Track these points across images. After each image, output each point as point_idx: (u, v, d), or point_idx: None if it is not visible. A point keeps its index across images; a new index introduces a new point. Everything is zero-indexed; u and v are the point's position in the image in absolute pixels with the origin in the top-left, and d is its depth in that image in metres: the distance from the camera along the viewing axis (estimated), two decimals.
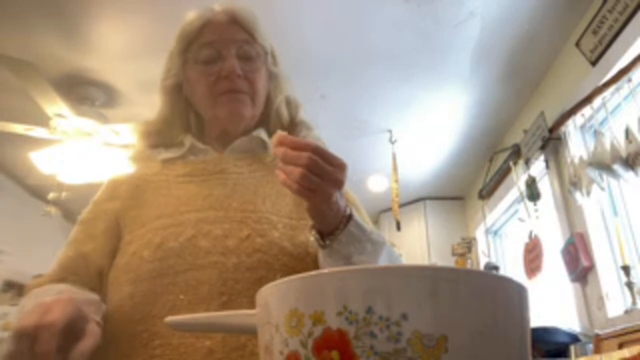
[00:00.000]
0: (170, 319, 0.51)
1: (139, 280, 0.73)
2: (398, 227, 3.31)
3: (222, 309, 0.68)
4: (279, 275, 0.71)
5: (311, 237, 0.74)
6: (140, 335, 0.69)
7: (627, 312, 1.96)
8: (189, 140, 0.89)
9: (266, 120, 0.94)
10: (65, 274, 0.79)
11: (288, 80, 0.96)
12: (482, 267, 3.58)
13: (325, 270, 0.32)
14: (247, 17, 0.88)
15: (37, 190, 4.03)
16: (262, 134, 0.91)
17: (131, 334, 0.70)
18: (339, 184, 0.64)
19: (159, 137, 0.92)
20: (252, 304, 0.39)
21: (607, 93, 2.10)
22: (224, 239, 0.74)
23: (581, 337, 2.06)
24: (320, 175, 0.61)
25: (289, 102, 0.95)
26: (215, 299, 0.69)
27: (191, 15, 0.89)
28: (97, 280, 0.80)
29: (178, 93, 0.91)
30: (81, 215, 0.87)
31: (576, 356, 1.89)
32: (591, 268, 2.22)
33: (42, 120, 2.73)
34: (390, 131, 3.29)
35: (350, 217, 0.69)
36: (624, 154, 1.89)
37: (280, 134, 0.63)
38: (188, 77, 0.89)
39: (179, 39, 0.89)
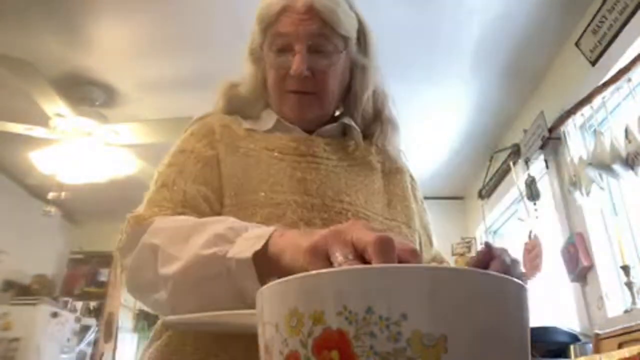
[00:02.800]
0: (169, 318, 0.51)
1: None
2: None
3: None
4: None
5: None
6: None
7: (626, 312, 1.96)
8: (273, 116, 0.84)
9: (349, 108, 0.88)
10: (186, 211, 0.69)
11: (378, 71, 0.89)
12: None
13: (325, 270, 0.32)
14: (327, 6, 0.79)
15: (37, 190, 4.03)
16: (351, 122, 0.87)
17: None
18: None
19: (240, 105, 0.87)
20: None
21: (606, 93, 2.11)
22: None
23: (581, 337, 2.06)
24: None
25: (376, 96, 0.90)
26: None
27: None
28: None
29: (260, 67, 0.86)
30: (170, 158, 0.78)
31: (576, 356, 1.89)
32: (591, 268, 2.22)
33: (41, 120, 2.73)
34: None
35: None
36: (623, 153, 1.89)
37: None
38: (265, 59, 0.84)
39: (258, 19, 0.83)
